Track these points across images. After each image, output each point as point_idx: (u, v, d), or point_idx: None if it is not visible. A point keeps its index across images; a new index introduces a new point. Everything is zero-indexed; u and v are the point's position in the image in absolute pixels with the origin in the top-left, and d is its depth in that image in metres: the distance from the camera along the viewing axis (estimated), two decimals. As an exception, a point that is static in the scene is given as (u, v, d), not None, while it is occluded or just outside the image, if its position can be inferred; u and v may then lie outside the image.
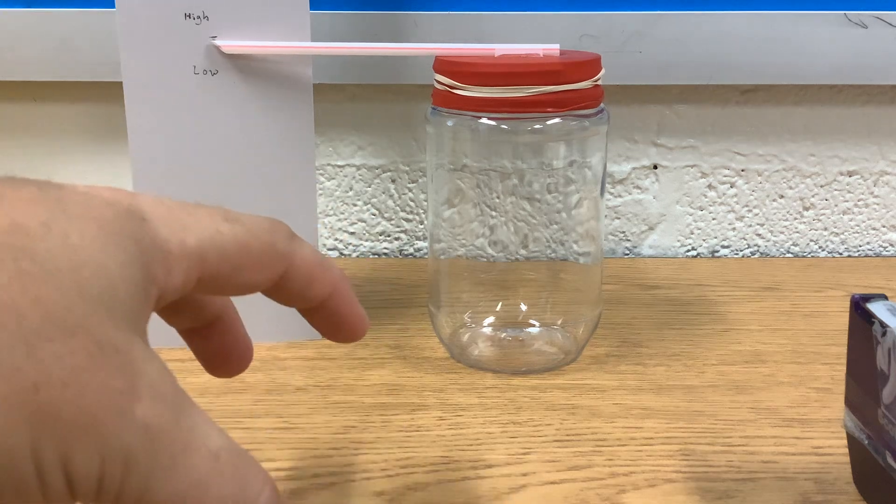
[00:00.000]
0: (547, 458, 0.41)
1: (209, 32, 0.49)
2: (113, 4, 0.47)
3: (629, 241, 0.73)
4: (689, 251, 0.74)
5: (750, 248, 0.74)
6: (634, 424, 0.44)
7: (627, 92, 0.68)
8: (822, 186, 0.72)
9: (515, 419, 0.45)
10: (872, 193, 0.72)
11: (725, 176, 0.72)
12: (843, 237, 0.73)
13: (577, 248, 0.53)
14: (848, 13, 0.65)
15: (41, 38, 0.65)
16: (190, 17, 0.48)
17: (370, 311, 0.31)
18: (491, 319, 0.55)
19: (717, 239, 0.73)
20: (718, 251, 0.74)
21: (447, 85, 0.47)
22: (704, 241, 0.73)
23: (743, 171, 0.72)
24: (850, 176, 0.72)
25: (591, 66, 0.47)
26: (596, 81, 0.48)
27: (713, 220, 0.73)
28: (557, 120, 0.47)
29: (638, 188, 0.72)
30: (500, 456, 0.41)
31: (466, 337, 0.54)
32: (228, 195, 0.50)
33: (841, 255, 0.74)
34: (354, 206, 0.72)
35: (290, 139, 0.51)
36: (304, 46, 0.50)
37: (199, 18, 0.48)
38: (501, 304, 0.55)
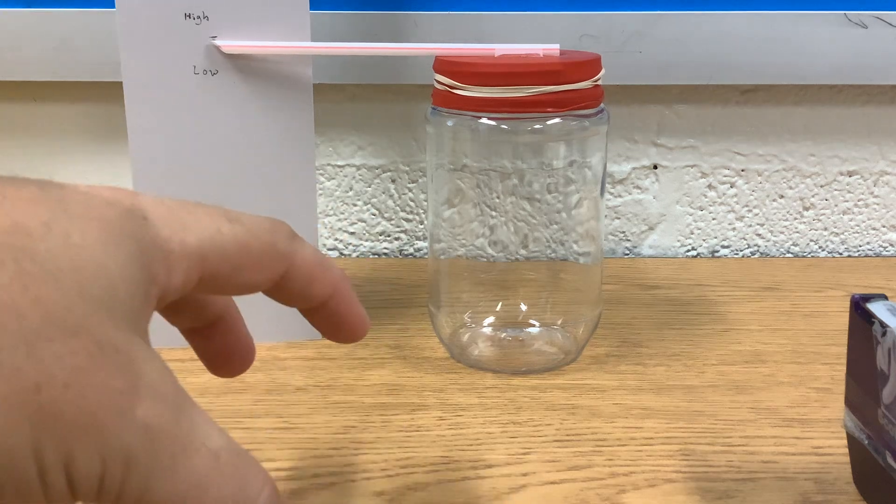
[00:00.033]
0: (547, 458, 0.41)
1: (209, 32, 0.49)
2: (113, 4, 0.47)
3: (629, 241, 0.73)
4: (689, 251, 0.74)
5: (750, 248, 0.74)
6: (634, 424, 0.44)
7: (627, 92, 0.68)
8: (822, 186, 0.72)
9: (515, 419, 0.45)
10: (872, 193, 0.72)
11: (725, 176, 0.72)
12: (843, 237, 0.73)
13: (577, 248, 0.53)
14: (848, 13, 0.65)
15: (41, 38, 0.65)
16: (190, 17, 0.48)
17: (370, 311, 0.31)
18: (491, 319, 0.55)
19: (717, 239, 0.73)
20: (718, 251, 0.74)
21: (447, 85, 0.47)
22: (704, 241, 0.73)
23: (743, 171, 0.72)
24: (850, 176, 0.72)
25: (591, 66, 0.47)
26: (596, 81, 0.48)
27: (713, 220, 0.73)
28: (557, 120, 0.47)
29: (638, 188, 0.72)
30: (500, 456, 0.41)
31: (466, 337, 0.54)
32: (228, 195, 0.50)
33: (841, 255, 0.74)
34: (354, 206, 0.72)
35: (290, 139, 0.51)
36: (304, 46, 0.50)
37: (199, 18, 0.48)
38: (501, 304, 0.55)
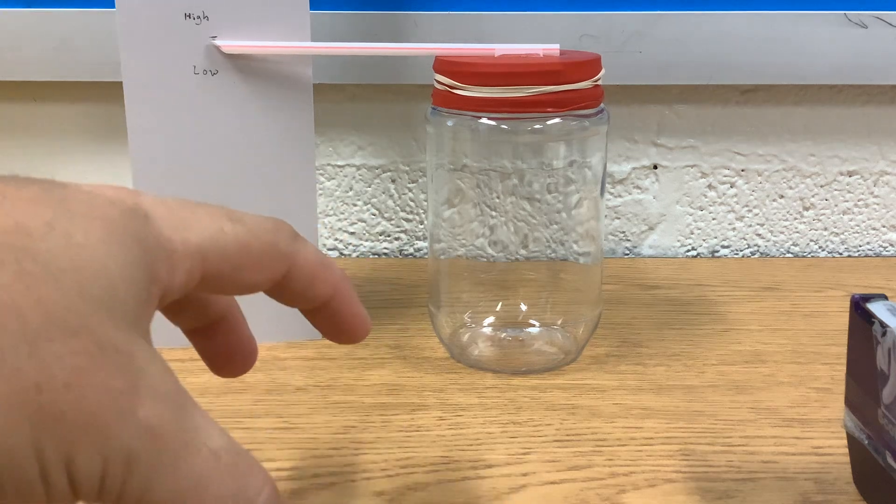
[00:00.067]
0: (547, 458, 0.41)
1: (209, 32, 0.49)
2: (113, 4, 0.47)
3: (629, 241, 0.73)
4: (689, 251, 0.74)
5: (750, 248, 0.74)
6: (634, 424, 0.44)
7: (627, 92, 0.68)
8: (822, 186, 0.72)
9: (515, 419, 0.45)
10: (872, 193, 0.72)
11: (725, 176, 0.72)
12: (843, 237, 0.73)
13: (577, 248, 0.53)
14: (848, 13, 0.65)
15: (41, 38, 0.65)
16: (190, 17, 0.48)
17: (370, 311, 0.31)
18: (491, 319, 0.55)
19: (717, 239, 0.73)
20: (718, 251, 0.74)
21: (447, 85, 0.47)
22: (704, 241, 0.73)
23: (743, 171, 0.72)
24: (850, 176, 0.72)
25: (591, 66, 0.47)
26: (596, 81, 0.48)
27: (713, 220, 0.73)
28: (557, 120, 0.47)
29: (638, 188, 0.72)
30: (500, 456, 0.41)
31: (466, 337, 0.54)
32: (228, 195, 0.50)
33: (841, 255, 0.74)
34: (354, 206, 0.72)
35: (290, 139, 0.51)
36: (304, 46, 0.50)
37: (199, 18, 0.48)
38: (501, 304, 0.55)
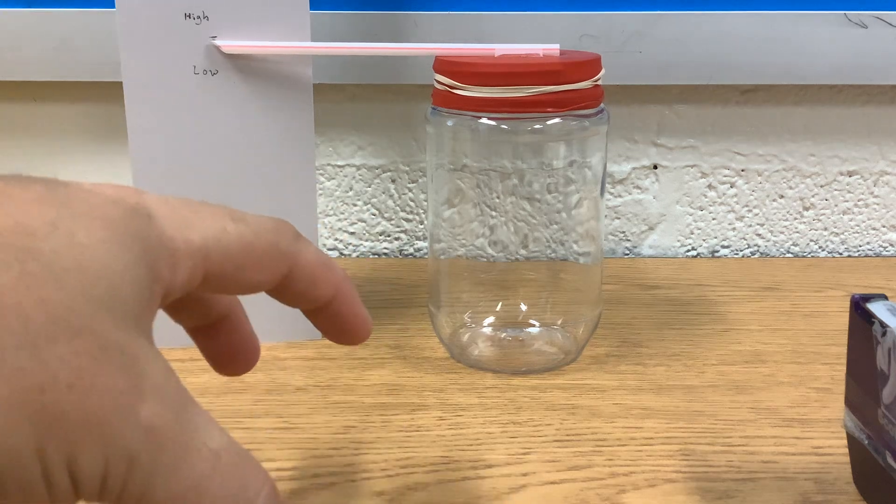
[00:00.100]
0: (547, 458, 0.41)
1: (209, 32, 0.49)
2: (113, 4, 0.47)
3: (629, 241, 0.73)
4: (689, 251, 0.74)
5: (750, 248, 0.74)
6: (634, 424, 0.44)
7: (627, 92, 0.68)
8: (822, 186, 0.72)
9: (515, 419, 0.45)
10: (872, 193, 0.72)
11: (725, 176, 0.72)
12: (843, 237, 0.73)
13: (577, 248, 0.53)
14: (848, 13, 0.65)
15: (41, 38, 0.65)
16: (190, 17, 0.48)
17: (370, 311, 0.31)
18: (491, 319, 0.55)
19: (717, 239, 0.73)
20: (718, 251, 0.74)
21: (447, 85, 0.47)
22: (704, 241, 0.73)
23: (743, 171, 0.72)
24: (850, 176, 0.72)
25: (591, 66, 0.47)
26: (596, 81, 0.48)
27: (713, 220, 0.73)
28: (557, 120, 0.47)
29: (638, 188, 0.72)
30: (500, 456, 0.41)
31: (466, 337, 0.54)
32: (228, 195, 0.50)
33: (841, 255, 0.74)
34: (354, 206, 0.72)
35: (290, 139, 0.51)
36: (304, 46, 0.50)
37: (199, 18, 0.48)
38: (501, 304, 0.55)
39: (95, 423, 0.20)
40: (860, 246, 0.73)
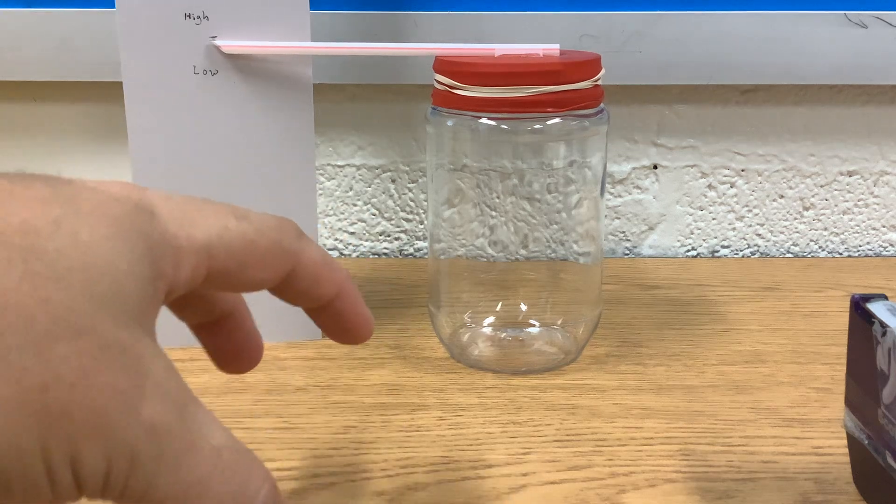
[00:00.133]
0: (547, 458, 0.41)
1: (209, 32, 0.49)
2: (113, 4, 0.47)
3: (629, 241, 0.73)
4: (689, 251, 0.74)
5: (750, 248, 0.74)
6: (634, 424, 0.44)
7: (627, 92, 0.68)
8: (822, 186, 0.72)
9: (515, 419, 0.45)
10: (872, 193, 0.72)
11: (725, 176, 0.72)
12: (843, 237, 0.73)
13: (577, 248, 0.53)
14: (848, 13, 0.65)
15: (41, 38, 0.65)
16: (190, 17, 0.48)
17: (370, 311, 0.31)
18: (491, 319, 0.55)
19: (717, 239, 0.73)
20: (718, 251, 0.74)
21: (447, 85, 0.47)
22: (704, 241, 0.73)
23: (743, 171, 0.72)
24: (850, 176, 0.72)
25: (591, 66, 0.47)
26: (596, 81, 0.48)
27: (713, 220, 0.73)
28: (557, 120, 0.47)
29: (638, 188, 0.72)
30: (500, 456, 0.41)
31: (466, 337, 0.54)
32: (228, 195, 0.49)
33: (841, 255, 0.74)
34: (354, 206, 0.72)
35: (290, 139, 0.51)
36: (304, 46, 0.50)
37: (199, 18, 0.48)
38: (501, 304, 0.55)
39: (98, 421, 0.20)
40: (860, 246, 0.73)
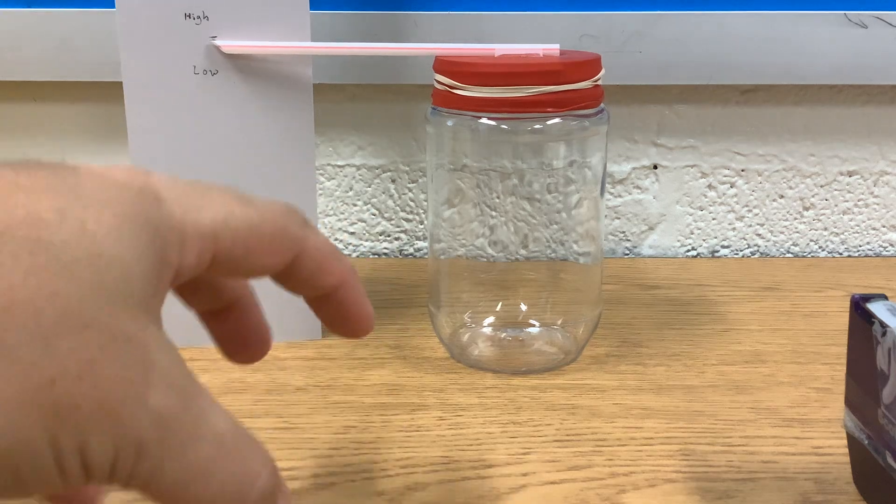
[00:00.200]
0: (547, 458, 0.41)
1: (209, 32, 0.49)
2: (113, 4, 0.47)
3: (629, 241, 0.73)
4: (689, 251, 0.74)
5: (750, 248, 0.74)
6: (634, 424, 0.44)
7: (627, 92, 0.68)
8: (822, 186, 0.72)
9: (515, 419, 0.45)
10: (872, 193, 0.72)
11: (725, 176, 0.72)
12: (843, 237, 0.73)
13: (577, 248, 0.53)
14: (848, 13, 0.65)
15: (41, 38, 0.65)
16: (190, 17, 0.48)
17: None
18: (491, 319, 0.55)
19: (717, 239, 0.73)
20: (718, 251, 0.74)
21: (447, 85, 0.47)
22: (704, 241, 0.73)
23: (743, 171, 0.72)
24: (850, 176, 0.72)
25: (591, 66, 0.47)
26: (596, 81, 0.48)
27: (713, 220, 0.73)
28: (557, 120, 0.47)
29: (638, 188, 0.72)
30: (500, 456, 0.41)
31: (466, 337, 0.54)
32: (228, 195, 0.50)
33: (841, 255, 0.74)
34: (354, 206, 0.72)
35: (290, 139, 0.51)
36: (304, 46, 0.50)
37: (199, 18, 0.48)
38: (501, 304, 0.55)
39: (105, 412, 0.21)
40: (860, 246, 0.73)
